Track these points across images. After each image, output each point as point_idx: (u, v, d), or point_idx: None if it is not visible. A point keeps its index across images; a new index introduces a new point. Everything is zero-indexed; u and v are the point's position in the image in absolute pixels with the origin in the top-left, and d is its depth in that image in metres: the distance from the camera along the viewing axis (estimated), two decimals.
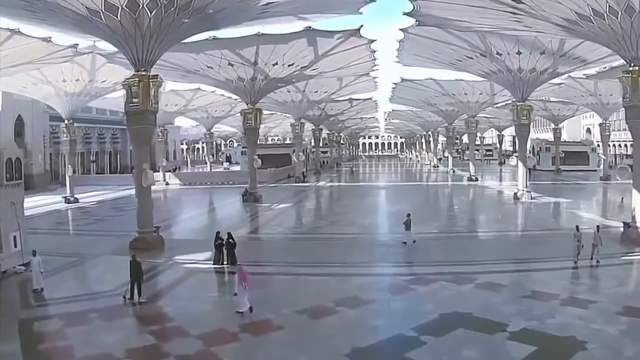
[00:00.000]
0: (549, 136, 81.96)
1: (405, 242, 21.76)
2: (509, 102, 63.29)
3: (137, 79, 22.31)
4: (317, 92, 52.33)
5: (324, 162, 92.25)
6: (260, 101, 60.52)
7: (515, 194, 37.42)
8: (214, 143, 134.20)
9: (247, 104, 38.05)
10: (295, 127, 57.04)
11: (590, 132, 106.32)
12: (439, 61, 36.51)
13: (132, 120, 22.63)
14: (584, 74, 49.86)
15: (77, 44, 33.14)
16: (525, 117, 36.67)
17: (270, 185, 54.97)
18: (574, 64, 35.94)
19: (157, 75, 22.84)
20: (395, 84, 52.50)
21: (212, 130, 78.75)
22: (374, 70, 41.22)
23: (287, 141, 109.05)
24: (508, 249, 21.90)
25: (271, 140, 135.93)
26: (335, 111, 72.58)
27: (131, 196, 50.73)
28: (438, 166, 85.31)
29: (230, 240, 18.63)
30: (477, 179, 55.32)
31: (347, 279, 17.43)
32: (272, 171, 61.94)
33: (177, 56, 33.94)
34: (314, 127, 73.92)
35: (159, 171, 64.41)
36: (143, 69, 22.48)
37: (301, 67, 35.21)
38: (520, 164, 37.70)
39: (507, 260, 19.32)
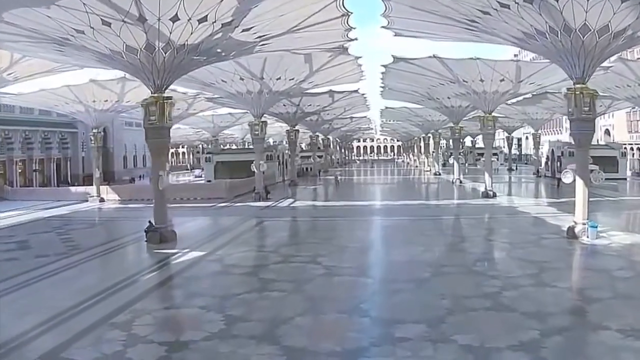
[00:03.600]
0: (564, 137, 69.92)
1: None
2: (528, 95, 51.45)
3: None
4: (279, 79, 38.48)
5: (306, 169, 79.12)
6: (213, 95, 48.00)
7: (572, 228, 23.52)
8: (202, 147, 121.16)
9: (151, 91, 24.42)
10: (255, 127, 42.60)
11: (609, 134, 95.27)
12: (449, 18, 22.71)
13: None
14: None
15: None
16: (587, 108, 22.79)
17: (221, 205, 41.14)
18: None
19: None
20: (385, 66, 37.77)
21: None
22: (350, 39, 27.35)
23: (271, 144, 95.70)
24: None
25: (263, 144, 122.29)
26: (314, 107, 58.85)
27: (51, 218, 37.11)
28: (440, 174, 72.13)
29: None
30: (495, 195, 41.69)
31: None
32: (228, 184, 48.29)
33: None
34: (288, 128, 60.52)
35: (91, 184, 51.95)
36: None
37: (223, 25, 21.19)
38: (580, 183, 23.53)
39: None
